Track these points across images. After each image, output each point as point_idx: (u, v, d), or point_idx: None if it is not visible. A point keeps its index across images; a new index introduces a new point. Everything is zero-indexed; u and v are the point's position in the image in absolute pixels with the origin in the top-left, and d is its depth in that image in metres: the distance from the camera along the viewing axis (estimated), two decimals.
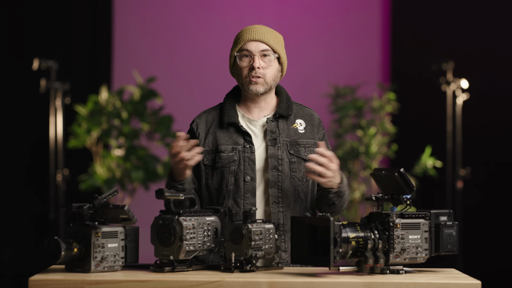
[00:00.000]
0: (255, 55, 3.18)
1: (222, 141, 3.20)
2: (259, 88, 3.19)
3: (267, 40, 3.19)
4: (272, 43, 3.20)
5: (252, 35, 3.20)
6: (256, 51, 3.19)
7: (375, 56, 7.77)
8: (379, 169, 2.93)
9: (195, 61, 7.65)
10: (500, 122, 7.25)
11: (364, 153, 6.97)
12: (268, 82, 3.20)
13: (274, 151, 3.18)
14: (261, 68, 3.18)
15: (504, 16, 7.36)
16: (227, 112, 3.23)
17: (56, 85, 6.43)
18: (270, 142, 3.19)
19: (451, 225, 2.90)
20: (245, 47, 3.20)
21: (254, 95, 3.21)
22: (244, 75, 3.20)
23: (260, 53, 3.19)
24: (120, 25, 7.63)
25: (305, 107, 3.32)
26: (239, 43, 3.22)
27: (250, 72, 3.18)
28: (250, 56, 3.19)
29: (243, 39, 3.21)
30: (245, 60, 3.20)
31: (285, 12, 7.71)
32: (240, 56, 3.21)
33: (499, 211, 7.22)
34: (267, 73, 3.19)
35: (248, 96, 3.24)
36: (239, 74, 3.22)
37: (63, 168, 6.50)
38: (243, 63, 3.20)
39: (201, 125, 3.26)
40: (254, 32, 3.21)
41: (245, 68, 3.20)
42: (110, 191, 2.76)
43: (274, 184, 3.15)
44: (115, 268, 2.78)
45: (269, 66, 3.19)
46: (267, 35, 3.20)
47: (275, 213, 3.14)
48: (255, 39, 3.19)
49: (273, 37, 3.22)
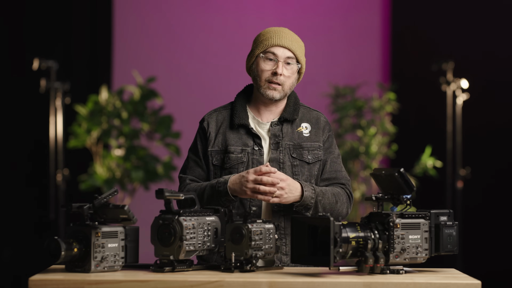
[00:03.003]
0: (280, 61, 3.15)
1: (232, 142, 3.19)
2: (276, 95, 3.17)
3: (294, 49, 3.16)
4: (298, 53, 3.17)
5: (281, 40, 3.15)
6: (282, 57, 3.15)
7: (375, 56, 7.77)
8: (379, 169, 2.93)
9: (195, 61, 7.65)
10: (500, 122, 7.25)
11: (364, 153, 6.97)
12: (285, 90, 3.18)
13: (276, 155, 3.17)
14: (283, 75, 3.15)
15: (504, 17, 7.36)
16: (238, 113, 3.20)
17: (56, 85, 6.43)
18: (272, 146, 3.18)
19: (451, 225, 2.90)
20: (271, 50, 3.15)
21: (268, 100, 3.20)
22: (264, 78, 3.17)
23: (285, 60, 3.16)
24: (120, 25, 7.63)
25: (313, 110, 3.30)
26: (265, 44, 3.17)
27: (271, 76, 3.15)
28: (274, 61, 3.15)
29: (270, 42, 3.16)
30: (268, 63, 3.16)
31: (285, 12, 7.71)
32: (265, 58, 3.16)
33: (499, 211, 7.22)
34: (286, 81, 3.16)
35: (260, 98, 3.21)
36: (258, 75, 3.18)
37: (63, 168, 6.50)
38: (266, 66, 3.16)
39: (211, 124, 3.24)
40: (283, 38, 3.16)
41: (267, 71, 3.16)
42: (110, 191, 2.76)
43: None
44: (115, 268, 2.78)
45: (291, 75, 3.17)
46: (294, 43, 3.17)
47: (276, 216, 3.14)
48: (283, 45, 3.15)
49: (299, 46, 3.19)
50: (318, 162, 3.22)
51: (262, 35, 3.20)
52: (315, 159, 3.21)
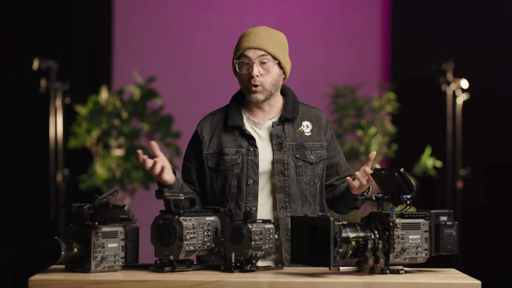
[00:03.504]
0: (254, 62, 3.14)
1: (226, 144, 3.19)
2: (259, 96, 3.16)
3: (266, 47, 3.14)
4: (271, 49, 3.14)
5: (250, 42, 3.15)
6: (254, 58, 3.14)
7: (375, 56, 7.77)
8: (379, 169, 2.93)
9: (195, 61, 7.65)
10: (500, 122, 7.25)
11: (364, 153, 6.97)
12: (267, 89, 3.16)
13: (280, 156, 3.17)
14: (260, 75, 3.14)
15: (504, 16, 7.36)
16: (232, 115, 3.21)
17: (56, 85, 6.42)
18: (275, 147, 3.18)
19: (451, 225, 2.90)
20: (244, 54, 3.15)
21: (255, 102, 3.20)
22: (244, 83, 3.18)
23: (259, 59, 3.14)
24: (120, 25, 7.62)
25: (312, 108, 3.29)
26: (238, 50, 3.17)
27: (249, 80, 3.15)
28: (249, 64, 3.15)
29: (242, 46, 3.16)
30: (244, 67, 3.16)
31: (285, 12, 7.70)
32: (240, 64, 3.17)
33: (499, 211, 7.22)
34: (265, 80, 3.15)
35: (251, 101, 3.22)
36: (240, 81, 3.20)
37: (63, 168, 6.49)
38: (243, 71, 3.17)
39: (205, 128, 3.25)
40: (252, 39, 3.15)
41: (245, 75, 3.16)
42: (110, 191, 2.76)
43: (281, 189, 3.15)
44: (115, 268, 2.78)
45: (268, 73, 3.15)
46: (265, 40, 3.15)
47: (282, 218, 3.15)
48: (253, 46, 3.14)
49: (273, 41, 3.16)
50: (322, 162, 3.22)
51: (238, 41, 3.21)
52: (318, 159, 3.21)
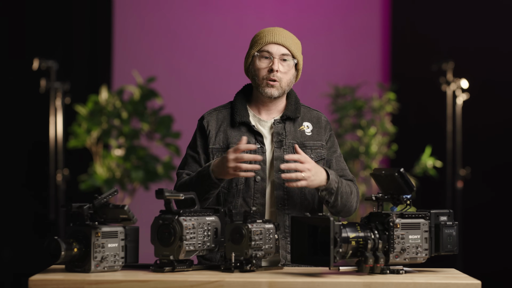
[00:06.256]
0: (275, 58, 3.18)
1: (233, 140, 3.20)
2: (274, 92, 3.19)
3: (289, 45, 3.19)
4: (293, 49, 3.20)
5: (274, 37, 3.19)
6: (276, 54, 3.18)
7: (375, 56, 7.77)
8: (379, 169, 2.93)
9: (195, 61, 7.65)
10: (500, 122, 7.25)
11: (364, 153, 6.97)
12: (283, 87, 3.20)
13: (280, 153, 3.18)
14: (279, 72, 3.18)
15: (504, 16, 7.36)
16: (239, 111, 3.22)
17: (56, 85, 6.43)
18: (276, 144, 3.19)
19: (451, 225, 2.90)
20: (266, 49, 3.19)
21: (267, 98, 3.21)
22: (261, 76, 3.19)
23: (280, 56, 3.19)
24: (120, 25, 7.62)
25: (313, 110, 3.32)
26: (260, 43, 3.20)
27: (268, 74, 3.18)
28: (270, 58, 3.19)
29: (264, 41, 3.20)
30: (264, 61, 3.19)
31: (285, 12, 7.70)
32: (260, 57, 3.19)
33: (499, 211, 7.22)
34: (283, 77, 3.19)
35: (260, 97, 3.23)
36: (255, 74, 3.21)
37: (63, 168, 6.50)
38: (262, 64, 3.19)
39: (211, 123, 3.25)
40: (276, 35, 3.20)
41: (264, 69, 3.19)
42: (110, 191, 2.76)
43: (279, 187, 3.16)
44: (115, 268, 2.78)
45: (287, 71, 3.20)
46: (288, 39, 3.20)
47: (281, 215, 3.15)
48: (277, 42, 3.19)
49: (294, 42, 3.22)
50: (321, 161, 3.23)
51: (257, 36, 3.25)
52: (318, 158, 3.22)
